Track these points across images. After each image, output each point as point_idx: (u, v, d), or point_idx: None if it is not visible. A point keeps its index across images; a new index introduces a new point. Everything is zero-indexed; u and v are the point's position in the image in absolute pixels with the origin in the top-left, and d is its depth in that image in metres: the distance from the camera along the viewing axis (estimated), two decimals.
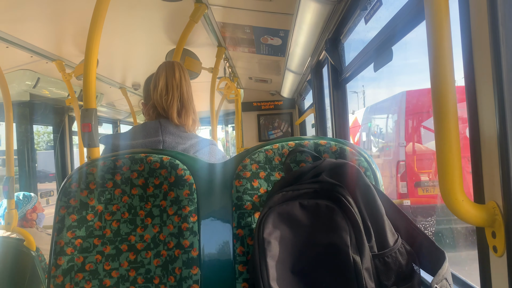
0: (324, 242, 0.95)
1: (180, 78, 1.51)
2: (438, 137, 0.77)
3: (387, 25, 1.51)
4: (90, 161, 1.23)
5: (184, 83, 1.52)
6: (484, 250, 0.84)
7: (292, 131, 5.87)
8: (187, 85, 1.53)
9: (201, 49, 3.24)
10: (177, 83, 1.50)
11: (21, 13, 2.32)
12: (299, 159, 1.17)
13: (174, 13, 2.49)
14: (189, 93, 1.54)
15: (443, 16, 0.78)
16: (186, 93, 1.52)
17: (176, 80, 1.50)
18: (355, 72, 2.15)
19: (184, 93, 1.51)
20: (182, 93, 1.51)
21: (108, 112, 5.92)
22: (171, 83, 1.49)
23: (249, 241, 1.15)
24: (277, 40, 3.05)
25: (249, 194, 1.17)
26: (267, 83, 5.17)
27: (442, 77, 0.77)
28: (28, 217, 3.02)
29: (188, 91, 1.53)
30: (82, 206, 1.17)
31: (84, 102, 1.37)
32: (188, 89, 1.54)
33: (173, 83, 1.50)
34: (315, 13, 2.00)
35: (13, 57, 3.05)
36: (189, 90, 1.54)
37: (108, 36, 2.72)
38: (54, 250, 1.15)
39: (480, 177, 0.83)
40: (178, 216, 1.17)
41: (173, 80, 1.50)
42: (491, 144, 0.79)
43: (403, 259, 0.97)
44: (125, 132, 1.53)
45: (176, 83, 1.50)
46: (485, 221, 0.78)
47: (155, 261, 1.15)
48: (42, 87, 3.65)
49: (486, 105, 0.80)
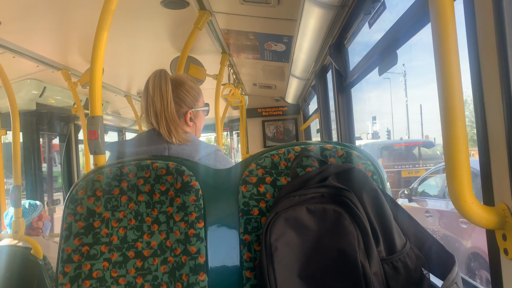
0: (332, 247, 0.94)
1: (154, 90, 1.45)
2: (446, 140, 0.76)
3: (391, 29, 1.51)
4: (97, 168, 1.24)
5: (158, 93, 1.44)
6: (495, 253, 0.83)
7: (297, 136, 5.86)
8: (161, 95, 1.45)
9: (205, 56, 3.25)
10: (151, 97, 1.45)
11: (27, 24, 2.35)
12: (305, 164, 1.17)
13: (178, 21, 2.51)
14: (165, 102, 1.45)
15: (448, 18, 0.78)
16: (160, 104, 1.44)
17: (150, 94, 1.46)
18: (360, 76, 2.15)
19: (157, 105, 1.44)
20: (156, 106, 1.44)
21: (113, 120, 5.95)
22: (148, 97, 1.46)
23: (256, 246, 1.14)
24: (281, 46, 3.06)
25: (255, 199, 1.16)
26: (271, 89, 5.18)
27: (448, 80, 0.76)
28: (34, 226, 3.03)
29: (163, 101, 1.45)
30: (89, 213, 1.18)
31: (90, 110, 1.38)
32: (163, 99, 1.45)
33: (148, 99, 1.46)
34: (319, 18, 2.01)
35: (20, 66, 3.08)
36: (164, 99, 1.45)
37: (113, 44, 2.74)
38: (61, 257, 1.15)
39: (490, 179, 0.82)
40: (184, 222, 1.17)
41: (147, 96, 1.46)
42: (500, 146, 0.78)
43: (412, 263, 0.96)
44: (130, 139, 1.53)
45: (151, 97, 1.45)
46: (495, 223, 0.77)
47: (162, 267, 1.14)
48: (48, 96, 3.68)
49: (494, 106, 0.80)
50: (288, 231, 0.98)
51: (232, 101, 4.50)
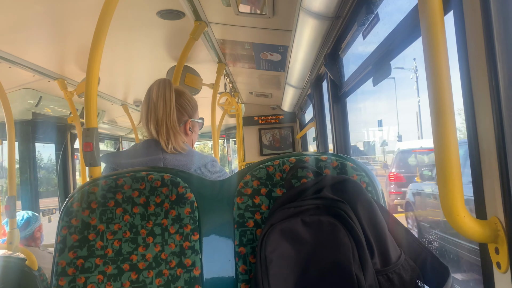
0: (327, 259, 0.94)
1: (157, 98, 1.47)
2: (438, 154, 0.77)
3: (385, 41, 1.53)
4: (92, 180, 1.24)
5: (162, 102, 1.46)
6: (488, 267, 0.84)
7: (294, 144, 5.87)
8: (165, 103, 1.47)
9: (201, 66, 3.27)
10: (155, 104, 1.46)
11: (23, 34, 2.36)
12: (300, 175, 1.17)
13: (174, 31, 2.53)
14: (167, 111, 1.46)
15: (438, 31, 0.79)
16: (163, 112, 1.46)
17: (154, 101, 1.47)
18: (355, 86, 2.16)
19: (160, 112, 1.46)
20: (158, 114, 1.46)
21: (109, 128, 5.94)
22: (150, 105, 1.47)
23: (251, 259, 1.14)
24: (276, 56, 3.08)
25: (250, 211, 1.16)
26: (267, 97, 5.20)
27: (439, 93, 0.77)
28: (35, 235, 3.03)
29: (166, 109, 1.46)
30: (84, 226, 1.17)
31: (85, 122, 1.38)
32: (167, 107, 1.47)
33: (151, 105, 1.47)
34: (314, 29, 2.03)
35: (16, 76, 3.08)
36: (167, 108, 1.47)
37: (110, 54, 2.75)
38: (56, 271, 1.15)
39: (481, 193, 0.83)
40: (179, 234, 1.16)
41: (151, 101, 1.47)
42: (491, 159, 0.79)
43: (406, 275, 0.96)
44: (125, 150, 1.53)
45: (154, 104, 1.46)
46: (487, 237, 0.78)
47: (157, 280, 1.14)
48: (44, 106, 3.68)
49: (485, 120, 0.81)
50: (283, 243, 0.98)
51: (229, 110, 4.52)
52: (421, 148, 10.84)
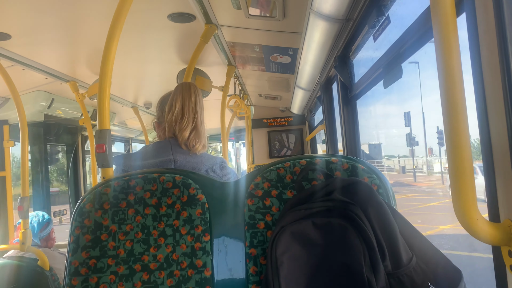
0: (337, 262, 0.94)
1: (195, 102, 1.50)
2: (451, 156, 0.76)
3: (396, 43, 1.52)
4: (104, 181, 1.25)
5: (199, 106, 1.51)
6: (501, 270, 0.83)
7: (303, 147, 5.86)
8: (201, 108, 1.52)
9: (211, 68, 3.28)
10: (193, 107, 1.50)
11: (36, 37, 2.39)
12: (310, 177, 1.17)
13: (185, 34, 2.55)
14: (202, 116, 1.53)
15: (451, 33, 0.79)
16: (200, 117, 1.51)
17: (192, 104, 1.50)
18: (365, 89, 2.16)
19: (198, 117, 1.51)
20: (196, 117, 1.50)
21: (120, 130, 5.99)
22: (187, 107, 1.49)
23: (262, 260, 1.14)
24: (286, 58, 3.09)
25: (261, 212, 1.17)
26: (277, 100, 5.20)
27: (452, 96, 0.77)
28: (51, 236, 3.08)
29: (201, 114, 1.53)
30: (96, 226, 1.19)
31: (98, 123, 1.39)
32: (202, 113, 1.53)
33: (189, 107, 1.49)
34: (324, 31, 2.03)
35: (29, 79, 3.13)
36: (202, 114, 1.53)
37: (121, 57, 2.78)
38: (69, 270, 1.16)
39: (495, 196, 0.82)
40: (191, 235, 1.17)
41: (189, 103, 1.50)
42: (505, 162, 0.78)
43: (418, 278, 0.95)
44: (136, 152, 1.54)
45: (192, 107, 1.50)
46: (501, 240, 0.77)
47: (169, 281, 1.15)
48: (56, 108, 3.73)
49: (498, 122, 0.80)
50: (294, 245, 0.98)
51: (238, 112, 4.53)
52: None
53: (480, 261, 6.28)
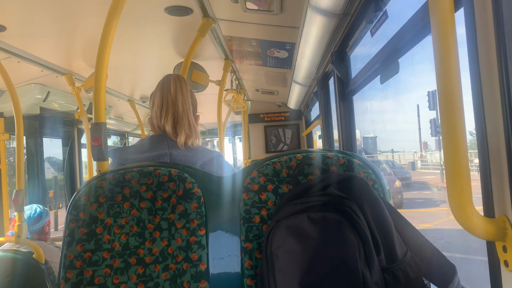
0: (333, 256, 0.94)
1: (175, 92, 1.47)
2: (447, 152, 0.76)
3: (393, 38, 1.52)
4: (100, 175, 1.25)
5: (180, 96, 1.48)
6: (495, 265, 0.83)
7: (299, 142, 5.87)
8: (183, 98, 1.48)
9: (208, 62, 3.27)
10: (172, 98, 1.47)
11: (32, 29, 2.37)
12: (306, 172, 1.17)
13: (182, 28, 2.53)
14: (186, 106, 1.48)
15: (449, 28, 0.79)
16: (182, 107, 1.47)
17: (172, 96, 1.47)
18: (362, 84, 2.16)
19: (179, 107, 1.47)
20: (177, 110, 1.47)
21: (116, 124, 5.97)
22: (166, 99, 1.47)
23: (257, 254, 1.14)
24: (283, 53, 3.08)
25: (257, 207, 1.17)
26: (273, 95, 5.20)
27: (449, 91, 0.77)
28: (45, 230, 3.06)
29: (186, 106, 1.49)
30: (92, 220, 1.18)
31: (94, 116, 1.39)
32: (185, 102, 1.49)
33: (168, 99, 1.47)
34: (321, 26, 2.02)
35: (24, 71, 3.11)
36: (186, 106, 1.49)
37: (118, 50, 2.76)
38: (64, 263, 1.16)
39: (490, 191, 0.83)
40: (186, 229, 1.17)
41: (168, 95, 1.47)
42: (500, 157, 0.79)
43: (412, 272, 0.96)
44: (132, 146, 1.54)
45: (172, 99, 1.47)
46: (495, 235, 0.77)
47: (164, 274, 1.15)
48: (52, 101, 3.71)
49: (494, 118, 0.80)
50: (289, 239, 0.98)
51: (235, 107, 4.52)
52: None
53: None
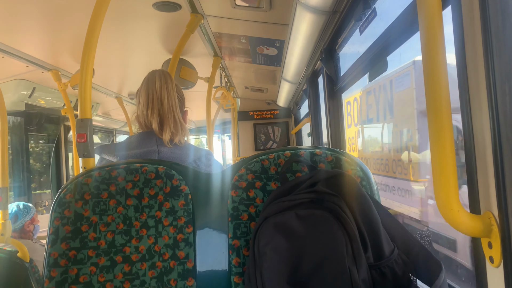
0: (320, 253, 0.94)
1: (161, 89, 1.45)
2: (433, 147, 0.77)
3: (382, 36, 1.52)
4: (85, 171, 1.22)
5: (165, 93, 1.45)
6: (481, 261, 0.84)
7: (288, 140, 5.88)
8: (168, 94, 1.46)
9: (197, 59, 3.25)
10: (158, 95, 1.44)
11: (17, 23, 2.33)
12: (295, 169, 1.17)
13: (170, 23, 2.51)
14: (171, 102, 1.46)
15: (436, 26, 0.79)
16: (168, 103, 1.45)
17: (157, 92, 1.44)
18: (350, 81, 2.16)
19: (165, 104, 1.44)
20: (163, 107, 1.44)
21: (104, 121, 5.91)
22: (151, 97, 1.44)
23: (245, 252, 1.14)
24: (273, 50, 3.07)
25: (245, 204, 1.16)
26: (263, 92, 5.19)
27: (436, 87, 0.77)
28: (26, 229, 3.00)
29: (170, 100, 1.46)
30: (77, 217, 1.16)
31: (79, 112, 1.36)
32: (170, 98, 1.46)
33: (154, 96, 1.44)
34: (311, 23, 2.02)
35: (9, 67, 3.05)
36: (171, 99, 1.46)
37: (105, 46, 2.72)
38: (48, 262, 1.14)
39: (476, 188, 0.83)
40: (173, 227, 1.16)
41: (153, 92, 1.45)
42: (486, 154, 0.79)
43: (399, 269, 0.96)
44: (119, 143, 1.51)
45: (157, 95, 1.44)
46: (481, 231, 0.78)
47: (150, 272, 1.13)
48: (38, 97, 3.65)
49: (480, 115, 0.81)
50: (277, 237, 0.98)
51: (224, 104, 4.51)
52: None
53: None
